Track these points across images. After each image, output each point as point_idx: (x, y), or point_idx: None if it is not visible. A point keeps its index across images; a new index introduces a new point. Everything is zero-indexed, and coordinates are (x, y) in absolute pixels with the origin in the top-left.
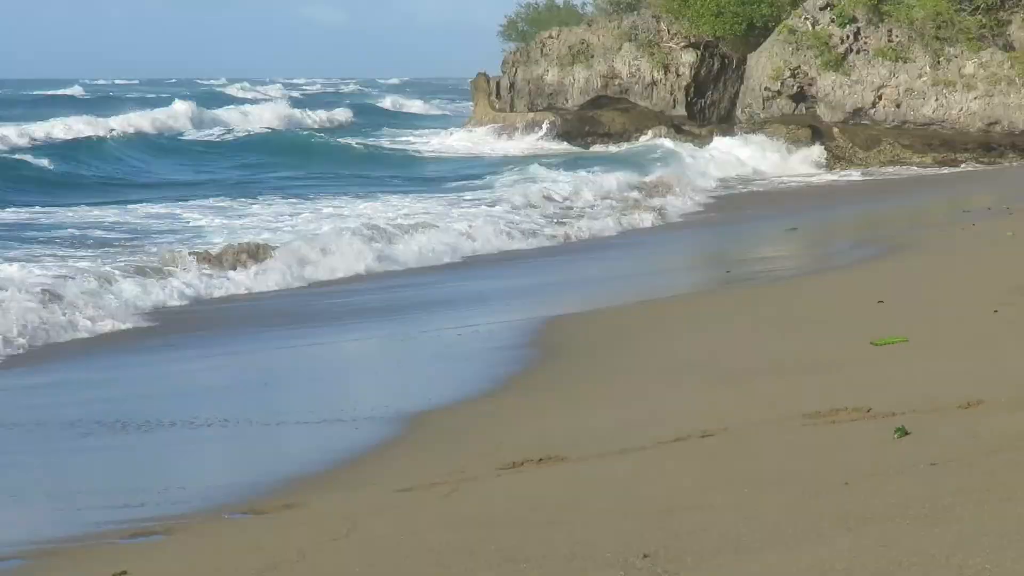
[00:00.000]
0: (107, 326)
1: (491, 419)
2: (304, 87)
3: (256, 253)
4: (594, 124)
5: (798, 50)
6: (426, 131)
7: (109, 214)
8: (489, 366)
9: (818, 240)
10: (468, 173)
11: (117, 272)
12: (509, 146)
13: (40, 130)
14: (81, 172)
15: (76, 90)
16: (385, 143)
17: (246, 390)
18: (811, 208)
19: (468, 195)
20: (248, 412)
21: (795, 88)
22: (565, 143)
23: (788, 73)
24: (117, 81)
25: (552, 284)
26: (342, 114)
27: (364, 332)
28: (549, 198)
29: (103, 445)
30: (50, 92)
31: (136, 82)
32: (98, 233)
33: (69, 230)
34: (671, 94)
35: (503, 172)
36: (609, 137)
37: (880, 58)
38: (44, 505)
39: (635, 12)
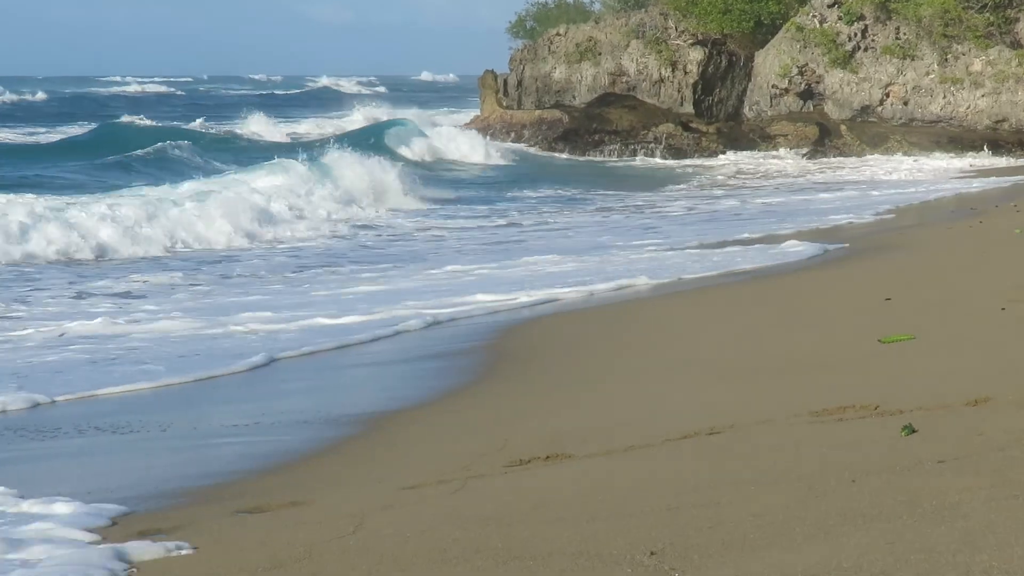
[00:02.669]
0: None
1: (497, 416)
2: (370, 84)
3: None
4: (602, 121)
5: (806, 47)
6: None
7: None
8: (494, 361)
9: None
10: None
11: None
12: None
13: None
14: None
15: (159, 88)
16: None
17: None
18: None
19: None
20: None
21: (803, 85)
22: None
23: (796, 71)
24: (151, 79)
25: None
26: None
27: None
28: None
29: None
30: (116, 90)
31: (187, 79)
32: None
33: None
34: (678, 91)
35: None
36: (616, 135)
37: (888, 55)
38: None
39: (643, 9)
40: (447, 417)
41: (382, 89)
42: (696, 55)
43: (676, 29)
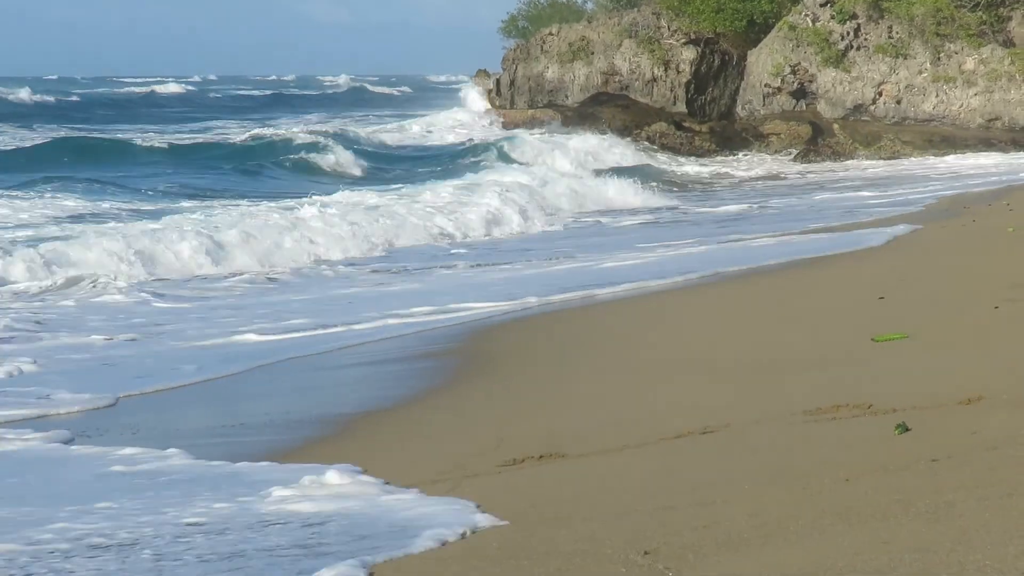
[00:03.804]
0: None
1: (492, 415)
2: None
3: None
4: (595, 121)
5: (798, 46)
6: None
7: None
8: (490, 359)
9: None
10: None
11: None
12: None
13: None
14: None
15: (173, 87)
16: None
17: None
18: None
19: None
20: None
21: (795, 85)
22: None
23: (788, 70)
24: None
25: None
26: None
27: None
28: None
29: None
30: (144, 89)
31: (197, 80)
32: None
33: None
34: (671, 91)
35: None
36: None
37: (880, 54)
38: None
39: (635, 8)
40: (441, 416)
41: (407, 89)
42: (689, 54)
43: (669, 28)
